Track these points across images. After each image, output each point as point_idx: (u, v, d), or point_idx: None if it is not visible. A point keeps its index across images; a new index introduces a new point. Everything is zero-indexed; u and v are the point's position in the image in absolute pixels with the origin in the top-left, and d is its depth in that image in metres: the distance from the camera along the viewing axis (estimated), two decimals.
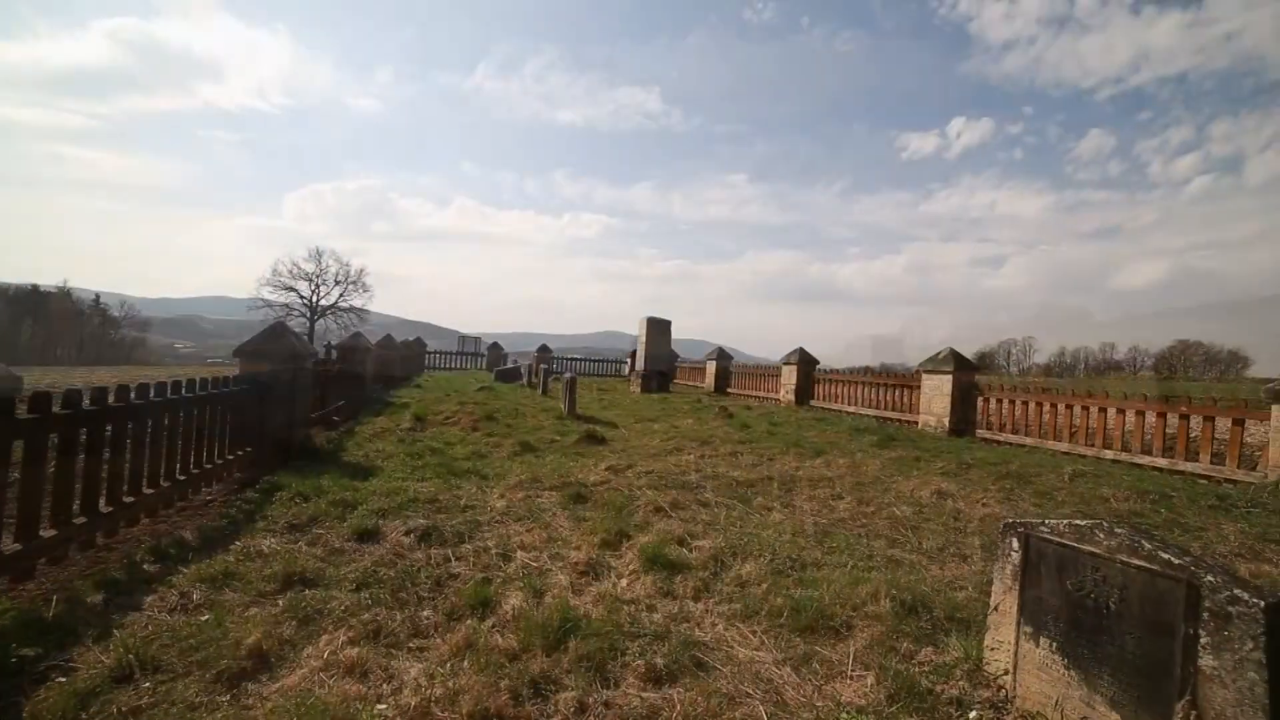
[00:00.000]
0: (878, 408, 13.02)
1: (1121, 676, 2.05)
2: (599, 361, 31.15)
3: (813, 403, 15.11)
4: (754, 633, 3.10)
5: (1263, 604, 1.72)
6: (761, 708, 2.47)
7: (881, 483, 6.40)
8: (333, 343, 20.06)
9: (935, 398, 11.17)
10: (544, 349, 27.00)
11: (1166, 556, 1.92)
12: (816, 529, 4.87)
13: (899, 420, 12.10)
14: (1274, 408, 6.78)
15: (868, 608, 3.28)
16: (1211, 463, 7.35)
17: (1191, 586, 1.85)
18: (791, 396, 15.48)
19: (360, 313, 51.54)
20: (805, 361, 15.63)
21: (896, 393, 12.68)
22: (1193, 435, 7.65)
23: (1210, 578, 1.81)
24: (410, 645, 2.93)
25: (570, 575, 3.82)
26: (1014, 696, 2.42)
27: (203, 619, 3.03)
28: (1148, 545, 1.97)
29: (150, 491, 4.47)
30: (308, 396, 7.56)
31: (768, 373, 17.60)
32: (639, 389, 18.89)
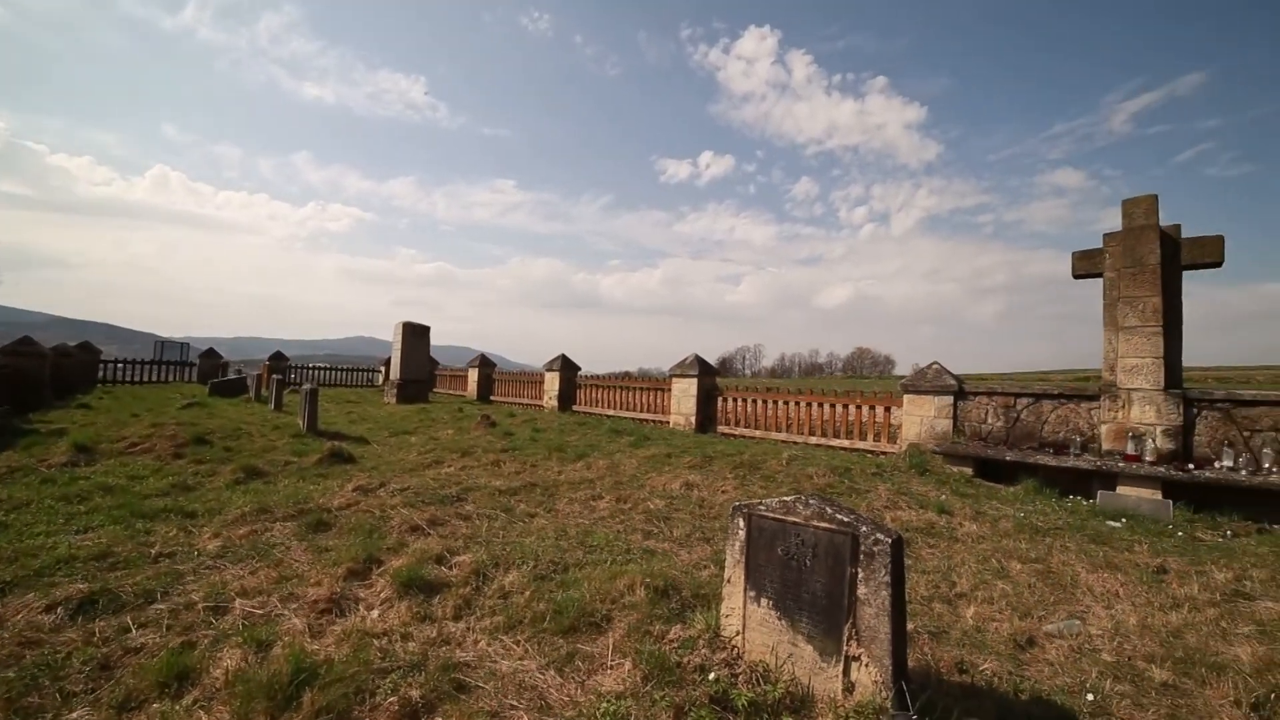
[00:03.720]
0: (635, 410, 14.08)
1: (814, 616, 2.56)
2: (349, 370, 27.67)
3: (575, 408, 15.66)
4: (518, 642, 3.08)
5: (890, 540, 2.35)
6: (526, 716, 2.47)
7: (638, 480, 6.93)
8: None
9: (683, 399, 12.54)
10: (278, 357, 23.05)
11: (841, 517, 2.48)
12: (578, 530, 5.05)
13: (654, 421, 13.26)
14: (905, 397, 9.19)
15: (625, 599, 3.49)
16: (874, 440, 9.66)
17: (854, 537, 2.42)
18: (555, 402, 15.83)
19: None
20: (567, 367, 16.14)
21: (651, 395, 13.87)
22: (864, 421, 9.96)
23: (865, 528, 2.41)
24: None
25: (308, 616, 3.32)
26: (744, 653, 2.82)
27: None
28: (830, 510, 2.52)
29: None
30: None
31: (532, 379, 17.72)
32: (394, 399, 17.39)
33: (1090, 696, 2.71)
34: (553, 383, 16.16)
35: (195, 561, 4.10)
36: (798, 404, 10.95)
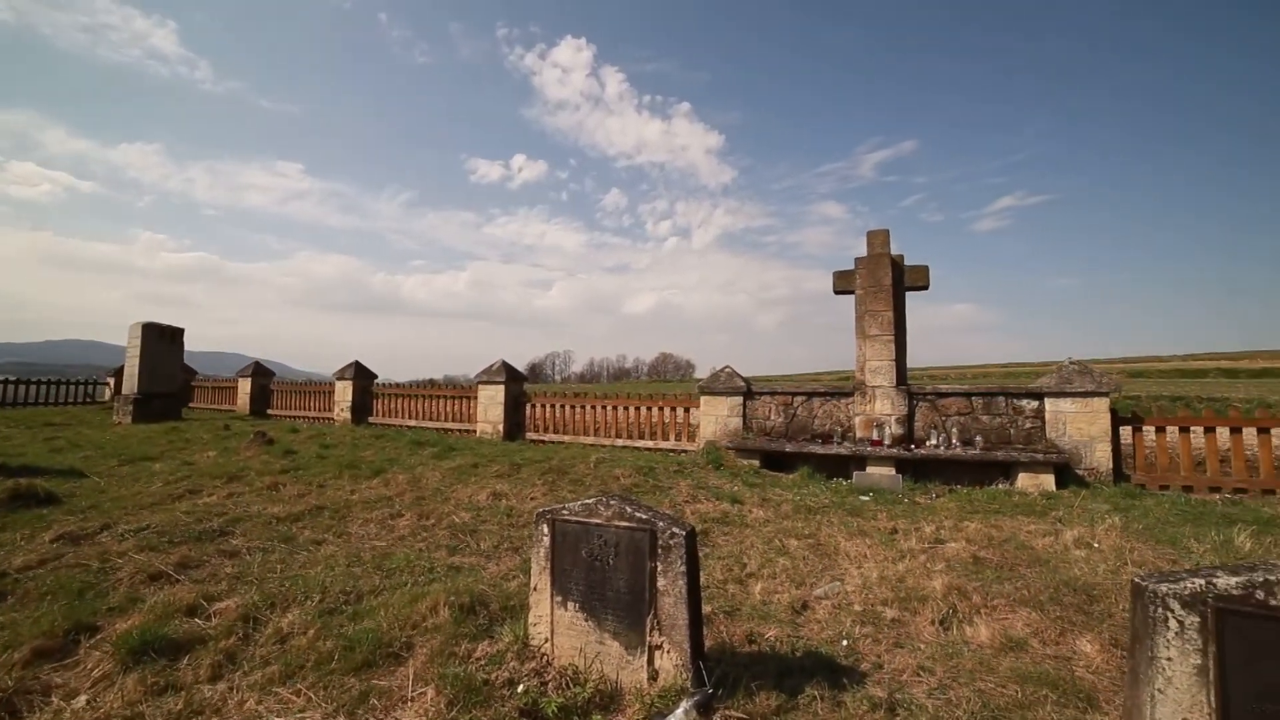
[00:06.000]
0: (439, 419, 13.30)
1: (619, 612, 2.65)
2: (52, 383, 21.54)
3: (372, 420, 14.31)
4: (298, 692, 2.68)
5: (684, 533, 2.54)
6: None
7: (442, 493, 6.53)
8: None
9: (491, 406, 12.16)
10: None
11: (640, 515, 2.61)
12: (375, 554, 4.60)
13: (460, 430, 12.65)
14: (702, 398, 10.03)
15: (428, 621, 3.26)
16: (676, 440, 10.36)
17: (652, 533, 2.57)
18: (348, 414, 14.29)
19: None
20: (362, 375, 14.68)
21: (456, 404, 13.22)
22: (667, 422, 10.63)
23: (662, 524, 2.57)
24: None
25: None
26: (554, 659, 2.80)
27: None
28: (629, 509, 2.64)
29: None
30: None
31: (319, 389, 15.79)
32: (130, 418, 14.12)
33: (845, 642, 3.22)
34: (345, 392, 14.55)
35: None
36: (605, 408, 11.31)
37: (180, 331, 16.35)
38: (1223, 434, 7.65)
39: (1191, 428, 7.46)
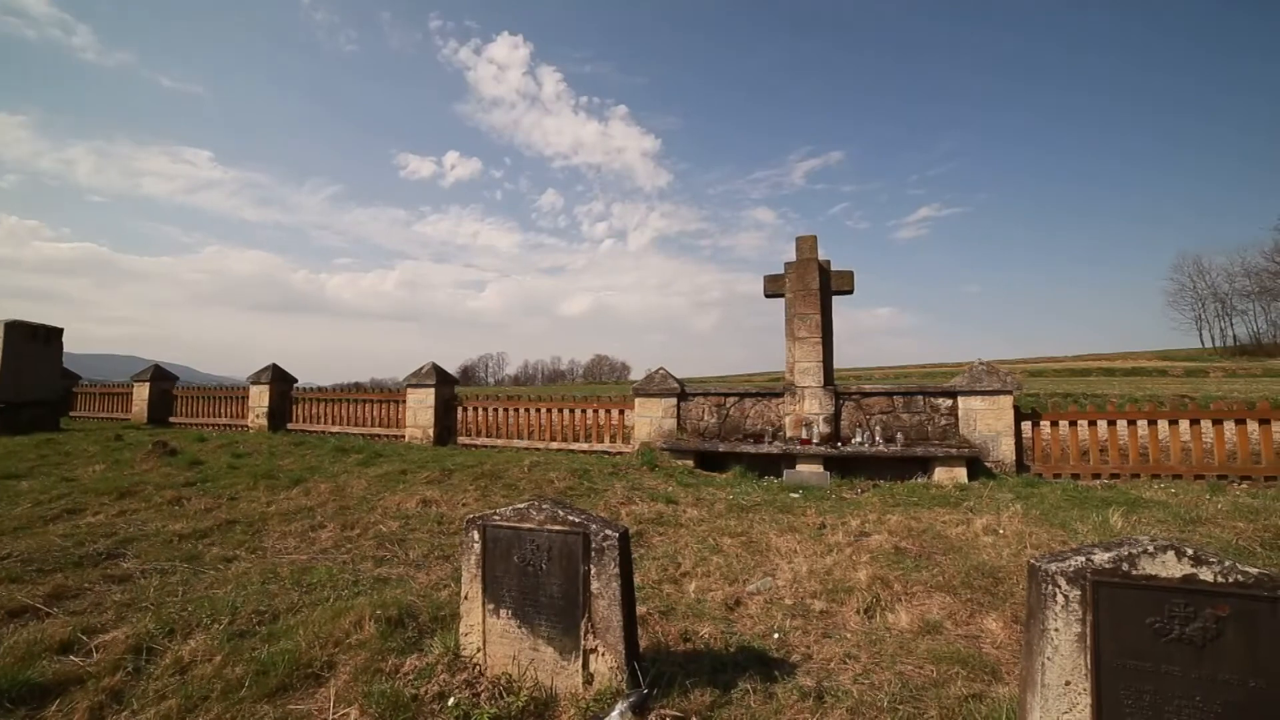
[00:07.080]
0: (365, 425, 12.72)
1: (552, 617, 2.62)
2: None
3: (291, 426, 13.49)
4: None
5: (617, 535, 2.55)
6: None
7: (368, 502, 6.24)
8: None
9: (420, 410, 11.74)
10: None
11: (572, 518, 2.59)
12: (294, 568, 4.32)
13: (387, 436, 12.14)
14: (636, 400, 10.08)
15: (352, 638, 3.10)
16: (611, 442, 10.35)
17: (585, 536, 2.56)
18: (264, 421, 13.40)
19: None
20: (280, 379, 13.80)
21: (383, 408, 12.68)
22: (602, 424, 10.60)
23: (594, 526, 2.57)
24: None
25: None
26: (486, 669, 2.73)
27: None
28: (562, 513, 2.62)
29: None
30: None
31: (231, 394, 14.70)
32: None
33: (776, 636, 3.31)
34: (261, 397, 13.63)
35: None
36: (539, 410, 11.17)
37: (58, 331, 14.72)
38: (1102, 427, 8.46)
39: (1078, 422, 8.21)
